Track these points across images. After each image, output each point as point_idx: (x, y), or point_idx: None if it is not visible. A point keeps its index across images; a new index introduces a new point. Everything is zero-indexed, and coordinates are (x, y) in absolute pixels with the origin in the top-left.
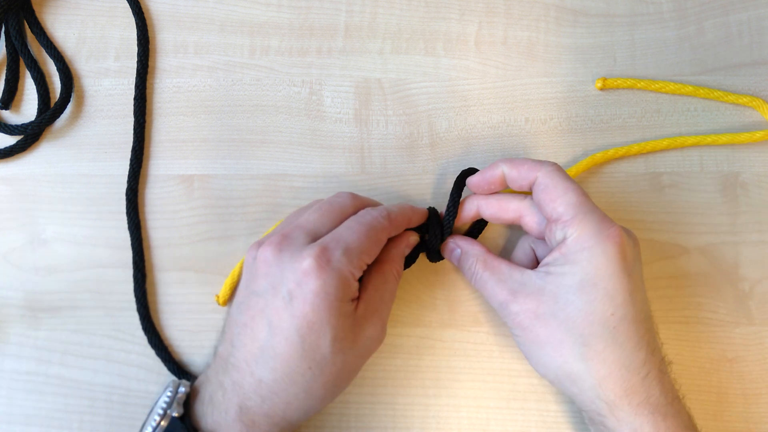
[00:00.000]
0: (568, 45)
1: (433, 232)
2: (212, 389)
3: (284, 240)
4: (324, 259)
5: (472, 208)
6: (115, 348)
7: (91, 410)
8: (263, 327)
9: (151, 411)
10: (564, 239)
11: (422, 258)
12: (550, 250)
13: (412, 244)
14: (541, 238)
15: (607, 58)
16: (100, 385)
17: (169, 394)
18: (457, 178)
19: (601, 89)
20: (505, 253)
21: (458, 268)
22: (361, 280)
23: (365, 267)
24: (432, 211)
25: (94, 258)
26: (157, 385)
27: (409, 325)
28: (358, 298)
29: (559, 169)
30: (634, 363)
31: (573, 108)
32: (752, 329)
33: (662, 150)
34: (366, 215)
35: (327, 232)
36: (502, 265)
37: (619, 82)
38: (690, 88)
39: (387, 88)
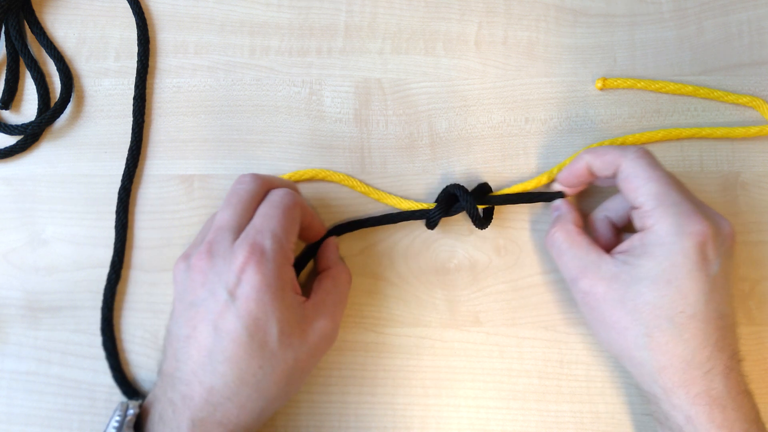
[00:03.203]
0: (568, 45)
1: (468, 202)
2: (162, 407)
3: (212, 246)
4: (258, 252)
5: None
6: None
7: (91, 410)
8: (208, 334)
9: None
10: (644, 229)
11: (422, 258)
12: (632, 234)
13: (337, 245)
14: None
15: (607, 58)
16: (100, 385)
17: (118, 417)
18: (477, 186)
19: (601, 89)
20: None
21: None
22: (307, 284)
23: (294, 248)
24: (457, 186)
25: (94, 258)
26: None
27: (409, 325)
28: (307, 298)
29: (643, 156)
30: (696, 359)
31: (573, 108)
32: (752, 329)
33: (659, 141)
34: (275, 197)
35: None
36: (584, 243)
37: (619, 82)
38: (690, 88)
39: (387, 88)
